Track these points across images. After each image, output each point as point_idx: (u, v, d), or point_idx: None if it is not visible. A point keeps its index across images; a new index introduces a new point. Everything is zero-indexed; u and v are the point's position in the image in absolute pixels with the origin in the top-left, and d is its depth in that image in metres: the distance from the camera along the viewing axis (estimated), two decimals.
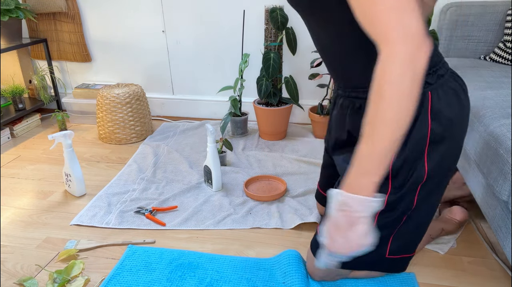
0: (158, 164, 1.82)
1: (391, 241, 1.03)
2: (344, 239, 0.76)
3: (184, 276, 1.15)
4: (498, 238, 1.06)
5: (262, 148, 1.98)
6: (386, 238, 1.03)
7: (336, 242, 0.76)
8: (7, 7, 2.08)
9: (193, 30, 2.22)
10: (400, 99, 0.66)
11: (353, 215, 0.73)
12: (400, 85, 0.65)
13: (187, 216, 1.43)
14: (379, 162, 0.70)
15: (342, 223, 0.74)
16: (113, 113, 2.02)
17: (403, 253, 1.07)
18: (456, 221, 1.31)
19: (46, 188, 1.66)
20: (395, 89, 0.65)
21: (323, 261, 0.85)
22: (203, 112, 2.41)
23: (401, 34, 0.64)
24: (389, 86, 0.65)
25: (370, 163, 0.71)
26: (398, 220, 0.99)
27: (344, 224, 0.75)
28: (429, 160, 0.91)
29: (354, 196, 0.73)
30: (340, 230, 0.75)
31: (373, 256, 1.06)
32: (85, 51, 2.37)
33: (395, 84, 0.65)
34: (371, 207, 0.73)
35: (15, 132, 2.18)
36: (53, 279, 1.14)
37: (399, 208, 0.96)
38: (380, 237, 1.01)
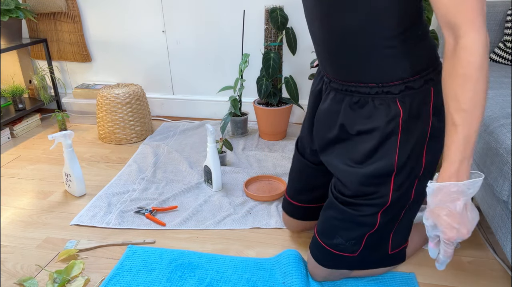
0: (158, 164, 1.82)
1: (392, 238, 1.04)
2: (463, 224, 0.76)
3: (184, 276, 1.15)
4: (498, 238, 1.06)
5: (262, 148, 1.98)
6: (387, 236, 1.04)
7: (460, 230, 0.76)
8: (7, 7, 2.08)
9: (193, 30, 2.22)
10: (486, 82, 0.70)
11: (465, 199, 0.75)
12: (486, 69, 0.69)
13: (187, 216, 1.43)
14: (474, 144, 0.73)
15: (457, 210, 0.75)
16: (113, 113, 2.02)
17: (402, 245, 1.09)
18: None
19: (46, 188, 1.66)
20: (484, 73, 0.69)
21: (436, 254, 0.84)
22: (203, 112, 2.41)
23: (482, 21, 0.68)
24: (480, 71, 0.69)
25: (469, 148, 0.73)
26: (397, 215, 1.00)
27: (462, 211, 0.75)
28: (427, 154, 0.93)
29: (466, 182, 0.74)
30: (457, 217, 0.75)
31: (377, 255, 1.07)
32: (85, 51, 2.37)
33: (483, 68, 0.69)
34: (478, 186, 0.76)
35: (15, 132, 2.18)
36: (53, 279, 1.14)
37: (399, 204, 0.97)
38: (381, 236, 1.02)
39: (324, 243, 1.05)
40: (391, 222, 1.00)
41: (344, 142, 1.00)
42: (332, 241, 1.03)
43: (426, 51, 0.89)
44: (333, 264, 1.07)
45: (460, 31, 0.69)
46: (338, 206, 1.01)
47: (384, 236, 1.03)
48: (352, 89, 0.94)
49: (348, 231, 1.01)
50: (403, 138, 0.91)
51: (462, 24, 0.69)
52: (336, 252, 1.04)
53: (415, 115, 0.90)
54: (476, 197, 1.22)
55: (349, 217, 0.99)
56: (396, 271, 1.16)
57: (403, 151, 0.91)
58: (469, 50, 0.68)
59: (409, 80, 0.88)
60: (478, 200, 1.20)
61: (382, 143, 0.92)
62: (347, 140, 0.98)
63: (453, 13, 0.69)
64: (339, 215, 1.01)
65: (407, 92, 0.88)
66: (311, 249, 1.10)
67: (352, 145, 0.97)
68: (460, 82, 0.70)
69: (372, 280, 1.13)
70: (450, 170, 0.75)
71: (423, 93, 0.89)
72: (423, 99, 0.89)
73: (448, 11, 0.70)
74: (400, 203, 0.97)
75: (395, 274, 1.15)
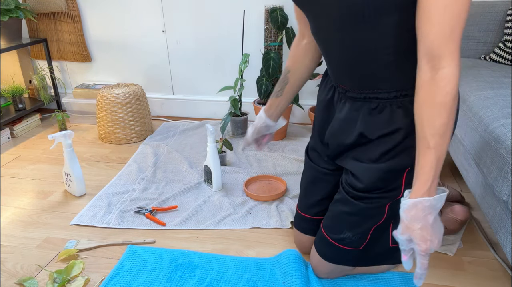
0: (158, 164, 1.82)
1: (391, 229, 1.06)
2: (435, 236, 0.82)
3: (184, 276, 1.15)
4: (498, 238, 1.06)
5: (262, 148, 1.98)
6: (387, 228, 1.05)
7: (433, 241, 0.82)
8: (7, 7, 2.08)
9: (193, 30, 2.22)
10: (455, 110, 0.78)
11: (435, 213, 0.82)
12: (456, 98, 0.76)
13: (187, 216, 1.43)
14: (442, 164, 0.81)
15: (430, 224, 0.81)
16: (113, 113, 2.02)
17: None
18: (458, 220, 1.31)
19: (46, 188, 1.66)
20: (456, 101, 0.77)
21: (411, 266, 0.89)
22: (203, 112, 2.41)
23: (459, 55, 0.75)
24: (454, 101, 0.76)
25: (439, 168, 0.80)
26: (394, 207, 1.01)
27: (431, 224, 0.82)
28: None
29: (436, 197, 0.81)
30: (430, 230, 0.82)
31: (379, 248, 1.08)
32: (85, 51, 2.37)
33: (456, 98, 0.76)
34: (443, 200, 0.83)
35: (15, 132, 2.18)
36: (53, 279, 1.14)
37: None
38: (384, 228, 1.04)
39: (330, 238, 1.07)
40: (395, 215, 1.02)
41: (362, 146, 1.02)
42: (339, 236, 1.05)
43: None
44: (338, 259, 1.08)
45: (441, 63, 0.75)
46: (349, 200, 1.02)
47: (385, 228, 1.05)
48: (371, 95, 0.96)
49: (357, 225, 1.03)
50: None
51: (444, 56, 0.74)
52: (342, 246, 1.06)
53: None
54: (476, 197, 1.22)
55: (359, 211, 1.01)
56: (396, 271, 1.16)
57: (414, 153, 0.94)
58: (448, 81, 0.75)
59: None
60: (478, 200, 1.20)
61: (402, 141, 0.95)
62: (366, 144, 1.00)
63: (437, 45, 0.74)
64: (350, 209, 1.02)
65: None
66: (316, 244, 1.11)
67: (371, 147, 0.99)
68: (437, 109, 0.77)
69: (372, 280, 1.13)
70: (424, 188, 0.81)
71: None
72: None
73: (434, 43, 0.74)
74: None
75: (395, 274, 1.15)
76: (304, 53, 1.14)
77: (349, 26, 0.87)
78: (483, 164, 1.12)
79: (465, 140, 1.28)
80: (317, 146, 1.17)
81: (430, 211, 0.81)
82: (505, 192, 0.99)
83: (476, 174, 1.22)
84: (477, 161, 1.17)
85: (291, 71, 1.16)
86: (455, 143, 1.45)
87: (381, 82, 0.93)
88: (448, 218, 1.32)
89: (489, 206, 1.12)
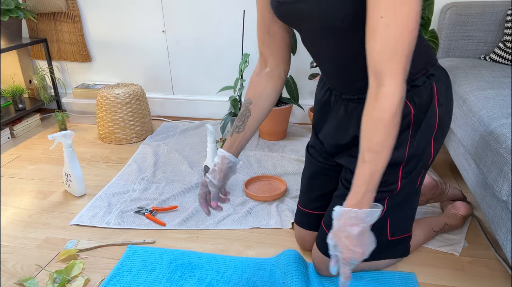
0: (158, 164, 1.82)
1: (389, 223, 1.06)
2: (360, 247, 0.84)
3: (184, 276, 1.15)
4: (498, 238, 1.06)
5: (262, 148, 1.98)
6: (385, 220, 1.06)
7: (355, 252, 0.84)
8: (7, 7, 2.08)
9: (193, 30, 2.22)
10: (396, 128, 0.79)
11: (363, 225, 0.84)
12: (398, 117, 0.78)
13: (187, 216, 1.43)
14: (378, 180, 0.82)
15: (354, 234, 0.83)
16: (113, 113, 2.02)
17: (403, 233, 1.11)
18: (460, 215, 1.32)
19: (46, 188, 1.66)
20: (396, 121, 0.78)
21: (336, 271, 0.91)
22: (203, 112, 2.41)
23: (404, 75, 0.76)
24: (393, 119, 0.77)
25: (373, 183, 0.82)
26: (403, 201, 1.04)
27: (358, 235, 0.83)
28: (434, 144, 1.00)
29: (365, 210, 0.83)
30: (354, 240, 0.83)
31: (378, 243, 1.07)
32: (85, 51, 2.37)
33: (396, 117, 0.77)
34: (376, 216, 0.85)
35: (15, 132, 2.18)
36: (53, 279, 1.14)
37: (405, 190, 1.02)
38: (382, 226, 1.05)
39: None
40: (395, 208, 1.04)
41: (353, 146, 1.03)
42: None
43: (422, 49, 0.93)
44: None
45: (384, 80, 0.76)
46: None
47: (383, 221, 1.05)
48: (363, 96, 0.97)
49: None
50: (414, 132, 0.97)
51: (387, 75, 0.76)
52: None
53: (424, 111, 0.96)
54: (476, 197, 1.22)
55: None
56: (396, 270, 1.16)
57: (414, 144, 0.97)
58: (388, 99, 0.76)
59: (413, 79, 0.93)
60: (478, 200, 1.20)
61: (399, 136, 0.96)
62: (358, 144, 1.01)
63: (380, 63, 0.76)
64: None
65: (414, 91, 0.94)
66: (318, 242, 1.12)
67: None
68: (375, 124, 0.78)
69: (372, 280, 1.13)
70: (354, 199, 0.83)
71: (428, 89, 0.95)
72: (429, 94, 0.95)
73: (377, 60, 0.76)
74: (406, 190, 1.03)
75: (395, 273, 1.15)
76: (266, 82, 1.06)
77: (329, 34, 0.89)
78: (483, 164, 1.12)
79: (465, 140, 1.28)
80: (315, 143, 1.19)
81: (356, 222, 0.83)
82: (505, 192, 0.99)
83: (476, 174, 1.22)
84: (477, 161, 1.17)
85: (253, 103, 1.06)
86: (455, 143, 1.45)
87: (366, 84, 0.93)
88: (450, 214, 1.32)
89: (489, 206, 1.12)
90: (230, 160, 1.05)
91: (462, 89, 1.41)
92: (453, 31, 1.82)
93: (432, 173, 1.66)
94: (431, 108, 0.96)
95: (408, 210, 1.09)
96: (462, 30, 1.81)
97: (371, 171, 0.80)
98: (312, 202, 1.20)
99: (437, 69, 0.98)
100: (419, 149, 0.98)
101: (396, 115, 0.77)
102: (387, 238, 1.09)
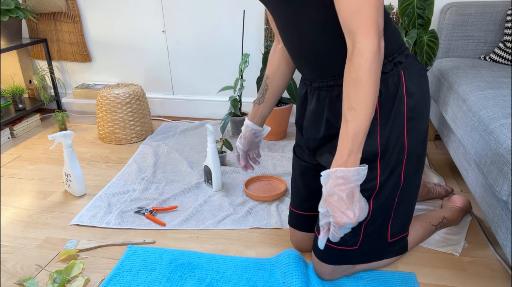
0: (158, 164, 1.82)
1: (390, 225, 1.06)
2: (350, 209, 0.83)
3: (184, 276, 1.15)
4: (498, 238, 1.06)
5: (262, 148, 1.98)
6: (386, 224, 1.05)
7: (345, 213, 0.83)
8: (7, 7, 2.08)
9: (193, 30, 2.22)
10: (375, 84, 0.79)
11: (351, 186, 0.83)
12: (375, 73, 0.78)
13: (187, 216, 1.43)
14: (362, 140, 0.82)
15: (344, 195, 0.83)
16: (113, 113, 2.02)
17: (402, 233, 1.11)
18: (457, 207, 1.33)
19: (46, 188, 1.66)
20: (372, 76, 0.78)
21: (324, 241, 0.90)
22: (203, 112, 2.41)
23: (376, 30, 0.77)
24: (368, 74, 0.77)
25: (357, 142, 0.82)
26: (391, 201, 1.02)
27: (348, 196, 0.83)
28: (408, 135, 0.97)
29: (351, 169, 0.83)
30: (345, 202, 0.83)
31: (378, 245, 1.09)
32: (85, 51, 2.37)
33: (372, 72, 0.78)
34: (363, 175, 0.84)
35: (15, 132, 2.18)
36: (53, 279, 1.14)
37: (389, 188, 1.00)
38: (379, 224, 1.04)
39: None
40: (385, 209, 1.03)
41: (332, 139, 1.03)
42: None
43: (390, 35, 0.93)
44: (336, 260, 1.08)
45: (356, 38, 0.78)
46: None
47: (382, 224, 1.05)
48: (332, 83, 0.99)
49: None
50: (383, 121, 0.96)
51: (357, 32, 0.77)
52: (338, 247, 1.05)
53: (391, 98, 0.95)
54: (476, 197, 1.22)
55: None
56: (397, 270, 1.16)
57: (384, 133, 0.96)
58: (361, 55, 0.77)
59: None
60: (478, 200, 1.20)
61: None
62: (335, 135, 1.01)
63: (349, 22, 0.78)
64: None
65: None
66: (314, 248, 1.11)
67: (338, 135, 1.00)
68: (352, 84, 0.79)
69: (373, 280, 1.13)
70: (340, 160, 0.84)
71: (395, 76, 0.94)
72: (395, 82, 0.94)
73: (346, 19, 0.79)
74: (390, 188, 1.00)
75: (396, 273, 1.15)
76: (280, 57, 1.16)
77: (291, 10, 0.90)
78: (483, 164, 1.12)
79: (465, 140, 1.28)
80: (300, 141, 1.20)
81: (344, 182, 0.83)
82: (505, 192, 0.99)
83: (476, 174, 1.22)
84: (477, 161, 1.17)
85: (269, 78, 1.18)
86: (455, 143, 1.45)
87: (334, 68, 0.95)
88: (447, 208, 1.33)
89: (489, 206, 1.12)
90: (252, 128, 1.22)
91: (462, 89, 1.41)
92: (453, 31, 1.82)
93: (433, 173, 1.66)
94: (398, 97, 0.95)
95: (402, 210, 1.07)
96: (462, 30, 1.81)
97: (354, 130, 0.81)
98: (302, 203, 1.21)
99: (406, 57, 0.96)
100: (392, 140, 0.96)
101: (371, 70, 0.77)
102: (387, 240, 1.09)
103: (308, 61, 0.99)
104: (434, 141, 2.02)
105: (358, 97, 0.79)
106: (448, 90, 1.52)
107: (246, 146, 1.25)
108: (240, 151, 1.27)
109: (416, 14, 1.47)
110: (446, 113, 1.50)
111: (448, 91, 1.51)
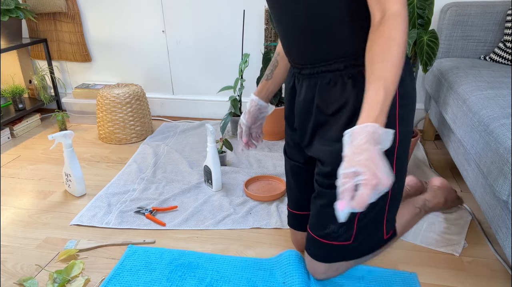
0: (158, 164, 1.82)
1: (385, 223, 1.05)
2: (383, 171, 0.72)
3: (184, 276, 1.15)
4: (498, 238, 1.06)
5: (262, 148, 1.98)
6: (381, 220, 1.04)
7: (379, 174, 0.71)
8: (7, 7, 2.08)
9: (193, 30, 2.22)
10: (404, 46, 0.78)
11: (380, 147, 0.74)
12: (404, 35, 0.78)
13: (187, 216, 1.43)
14: (389, 106, 0.78)
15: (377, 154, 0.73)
16: (113, 113, 2.02)
17: (393, 225, 1.11)
18: (435, 186, 1.34)
19: (46, 188, 1.66)
20: (405, 39, 0.78)
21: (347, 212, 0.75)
22: (203, 112, 2.41)
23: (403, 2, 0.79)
24: (402, 35, 0.78)
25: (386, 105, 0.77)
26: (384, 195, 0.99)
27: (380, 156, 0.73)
28: (399, 123, 0.96)
29: (382, 128, 0.75)
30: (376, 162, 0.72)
31: (374, 242, 1.08)
32: (85, 51, 2.37)
33: (405, 34, 0.78)
34: (390, 139, 0.77)
35: (15, 132, 2.18)
36: (53, 279, 1.14)
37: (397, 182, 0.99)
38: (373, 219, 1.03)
39: (317, 235, 1.05)
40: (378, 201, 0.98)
41: (322, 126, 1.01)
42: (324, 232, 1.03)
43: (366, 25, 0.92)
44: (330, 256, 1.07)
45: (387, 6, 0.79)
46: (323, 191, 1.01)
47: (376, 219, 1.03)
48: (323, 69, 0.97)
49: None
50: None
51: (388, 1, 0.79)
52: (330, 242, 1.03)
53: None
54: (476, 197, 1.22)
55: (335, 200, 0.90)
56: (398, 270, 1.16)
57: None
58: (396, 17, 0.78)
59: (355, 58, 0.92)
60: (478, 200, 1.20)
61: (355, 113, 0.92)
62: (325, 124, 1.00)
63: None
64: (326, 200, 1.00)
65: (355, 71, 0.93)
66: (307, 247, 1.10)
67: (329, 126, 0.99)
68: (386, 42, 0.78)
69: (375, 280, 1.13)
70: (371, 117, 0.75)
71: None
72: None
73: None
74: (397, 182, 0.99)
75: (397, 273, 1.15)
76: None
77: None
78: (483, 164, 1.12)
79: (465, 140, 1.28)
80: (289, 137, 1.18)
81: (374, 140, 0.73)
82: (505, 192, 0.99)
83: (476, 174, 1.22)
84: (477, 161, 1.17)
85: (280, 54, 1.18)
86: (455, 143, 1.45)
87: (330, 51, 0.94)
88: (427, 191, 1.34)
89: (489, 206, 1.12)
90: (257, 103, 1.20)
91: (462, 89, 1.41)
92: (453, 31, 1.82)
93: (434, 173, 1.66)
94: None
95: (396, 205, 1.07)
96: (462, 30, 1.81)
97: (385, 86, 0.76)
98: (296, 203, 1.21)
99: None
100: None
101: (405, 33, 0.78)
102: (383, 237, 1.08)
103: (304, 42, 0.96)
104: (434, 141, 2.02)
105: (391, 51, 0.77)
106: (448, 90, 1.52)
107: (250, 121, 1.23)
108: (244, 127, 1.24)
109: (416, 14, 1.47)
110: (446, 113, 1.51)
111: (448, 91, 1.51)
